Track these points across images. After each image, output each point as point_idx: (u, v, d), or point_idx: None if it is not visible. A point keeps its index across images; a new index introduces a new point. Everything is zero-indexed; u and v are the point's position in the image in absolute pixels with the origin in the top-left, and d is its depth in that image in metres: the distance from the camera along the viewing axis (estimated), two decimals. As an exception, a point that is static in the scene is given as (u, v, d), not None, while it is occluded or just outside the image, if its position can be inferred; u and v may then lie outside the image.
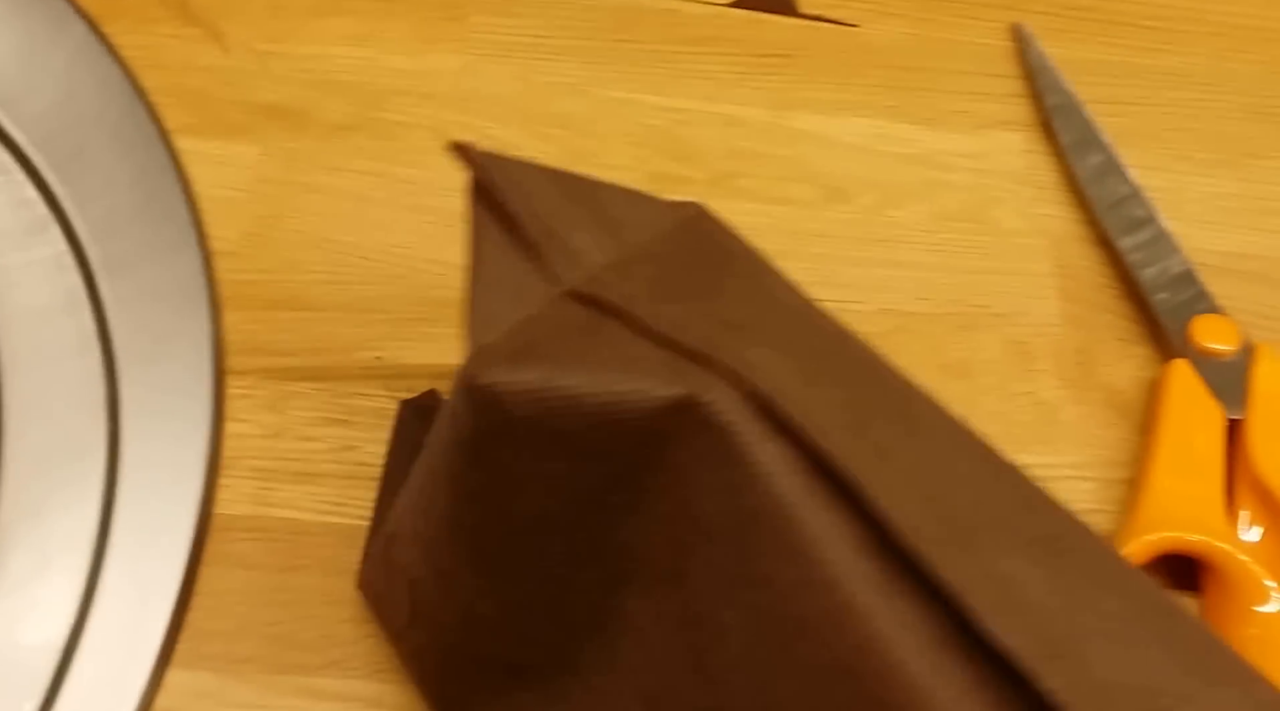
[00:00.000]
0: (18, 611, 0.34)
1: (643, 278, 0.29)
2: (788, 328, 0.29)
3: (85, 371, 0.38)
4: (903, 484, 0.25)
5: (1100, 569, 0.26)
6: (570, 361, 0.27)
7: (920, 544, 0.23)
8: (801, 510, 0.24)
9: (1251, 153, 0.50)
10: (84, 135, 0.42)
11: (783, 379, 0.26)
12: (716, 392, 0.25)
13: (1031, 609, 0.23)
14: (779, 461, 0.25)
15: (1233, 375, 0.43)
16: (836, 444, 0.24)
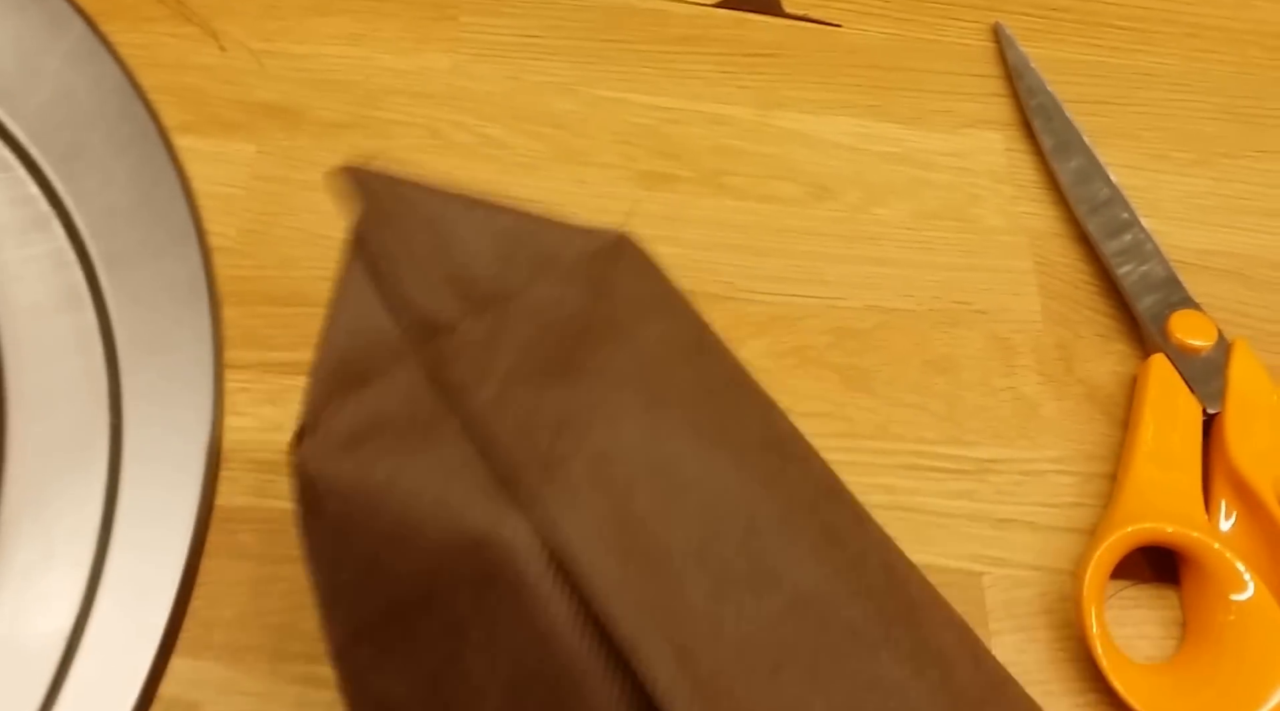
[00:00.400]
0: (23, 601, 0.35)
1: (511, 345, 0.28)
2: (658, 411, 0.28)
3: (87, 365, 0.39)
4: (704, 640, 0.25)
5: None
6: (400, 460, 0.26)
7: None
8: (582, 675, 0.24)
9: (1225, 152, 0.52)
10: (83, 133, 0.43)
11: (596, 519, 0.25)
12: (517, 539, 0.24)
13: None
14: (567, 621, 0.24)
15: (1210, 370, 0.44)
16: (633, 613, 0.24)
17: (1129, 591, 0.41)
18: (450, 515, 0.25)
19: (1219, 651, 0.39)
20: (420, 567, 0.26)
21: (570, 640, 0.24)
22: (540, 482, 0.25)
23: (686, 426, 0.27)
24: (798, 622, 0.26)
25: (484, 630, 0.25)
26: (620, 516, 0.25)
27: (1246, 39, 0.55)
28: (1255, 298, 0.48)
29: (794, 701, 0.25)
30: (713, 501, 0.26)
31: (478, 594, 0.25)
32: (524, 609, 0.24)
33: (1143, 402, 0.44)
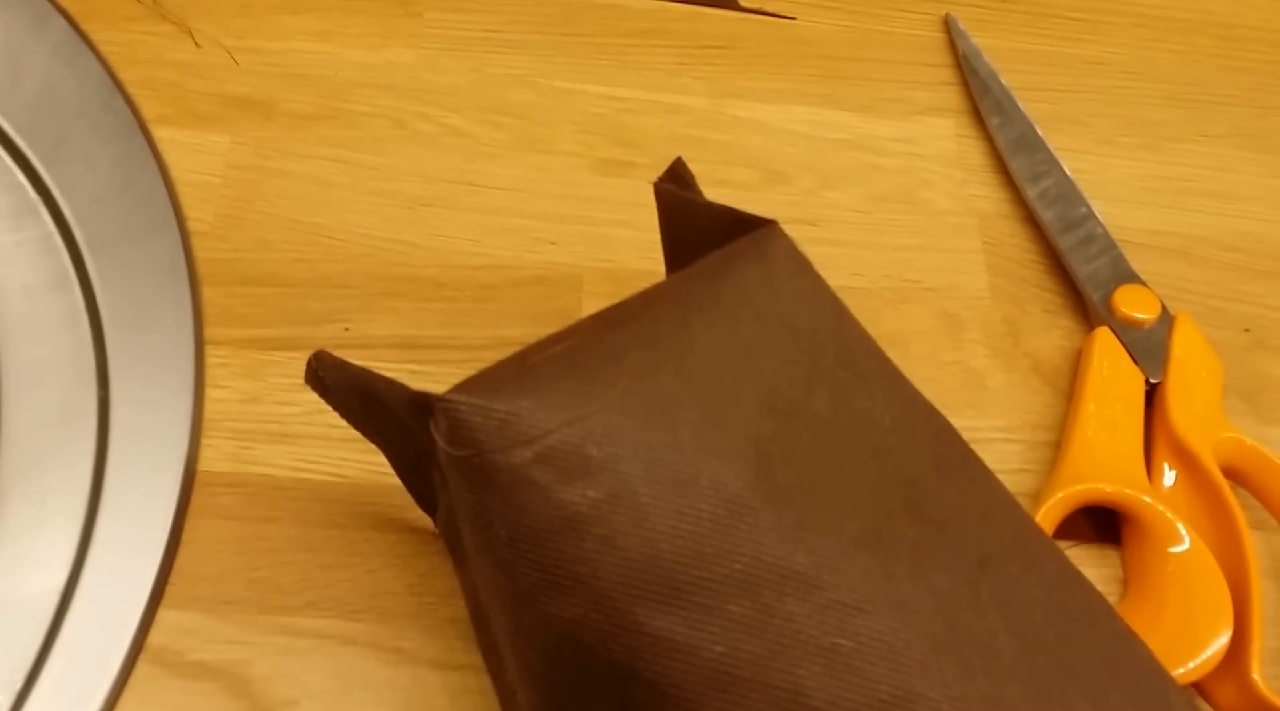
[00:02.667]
0: (19, 560, 0.40)
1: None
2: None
3: (76, 342, 0.44)
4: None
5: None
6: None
7: None
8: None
9: (1170, 137, 0.57)
10: (67, 125, 0.48)
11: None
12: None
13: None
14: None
15: (1152, 342, 0.48)
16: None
17: (1073, 551, 0.45)
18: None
19: (1159, 602, 0.43)
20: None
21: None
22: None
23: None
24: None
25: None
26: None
27: (1193, 28, 0.60)
28: (1198, 275, 0.53)
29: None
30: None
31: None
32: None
33: (1087, 373, 0.48)
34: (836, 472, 0.32)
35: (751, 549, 0.29)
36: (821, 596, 0.29)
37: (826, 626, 0.29)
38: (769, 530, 0.29)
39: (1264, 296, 0.53)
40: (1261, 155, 0.57)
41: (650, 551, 0.29)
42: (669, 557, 0.29)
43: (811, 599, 0.29)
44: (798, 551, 0.29)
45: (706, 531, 0.29)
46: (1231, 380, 0.49)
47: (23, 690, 0.38)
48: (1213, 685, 0.42)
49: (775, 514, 0.30)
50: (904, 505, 0.33)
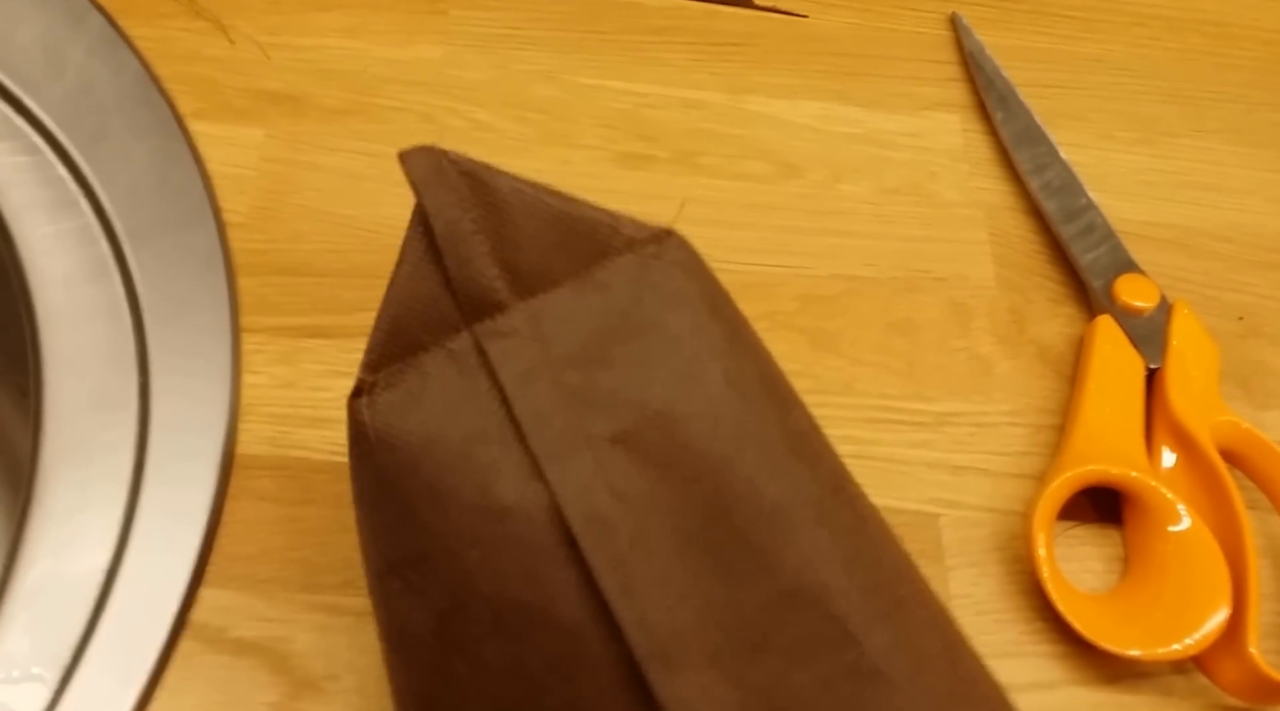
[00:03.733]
0: (63, 541, 0.40)
1: (554, 327, 0.30)
2: (690, 402, 0.30)
3: (116, 330, 0.44)
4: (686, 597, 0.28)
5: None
6: (442, 424, 0.29)
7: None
8: (584, 638, 0.28)
9: (1166, 132, 0.57)
10: (105, 119, 0.48)
11: (602, 495, 0.28)
12: (536, 510, 0.28)
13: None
14: (570, 587, 0.28)
15: (1152, 329, 0.49)
16: (630, 588, 0.28)
17: (1075, 531, 0.46)
18: (480, 481, 0.29)
19: (1159, 580, 0.43)
20: (446, 524, 0.29)
21: (571, 607, 0.28)
22: (563, 461, 0.28)
23: (706, 420, 0.30)
24: (789, 610, 0.29)
25: (494, 585, 0.28)
26: (632, 494, 0.29)
27: (1187, 27, 0.60)
28: (1195, 265, 0.53)
29: (772, 679, 0.28)
30: (723, 489, 0.29)
31: (493, 553, 0.28)
32: (529, 574, 0.28)
33: (1089, 359, 0.48)
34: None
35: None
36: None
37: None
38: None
39: (1257, 286, 0.53)
40: (1253, 150, 0.57)
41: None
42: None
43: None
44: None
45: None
46: (1227, 366, 0.49)
47: (70, 665, 0.38)
48: (1212, 660, 0.42)
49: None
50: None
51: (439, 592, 0.30)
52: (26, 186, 0.46)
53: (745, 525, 0.29)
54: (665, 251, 0.32)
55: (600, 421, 0.29)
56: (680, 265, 0.33)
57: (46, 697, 0.38)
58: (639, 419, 0.29)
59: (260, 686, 0.39)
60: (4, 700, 0.38)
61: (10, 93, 0.48)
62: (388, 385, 0.31)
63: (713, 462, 0.29)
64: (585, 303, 0.31)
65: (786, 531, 0.30)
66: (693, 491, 0.29)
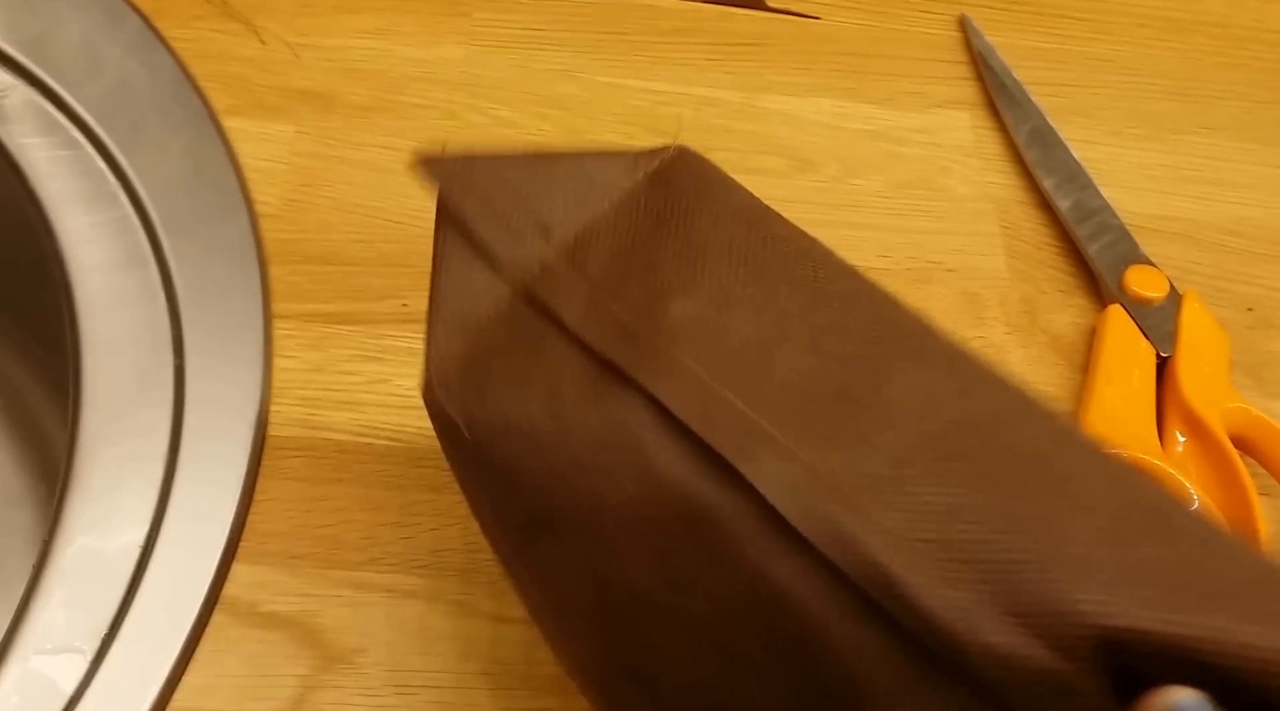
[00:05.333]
0: (100, 518, 0.40)
1: (598, 253, 0.31)
2: (744, 270, 0.31)
3: (152, 316, 0.44)
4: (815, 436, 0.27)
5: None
6: (516, 382, 0.30)
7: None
8: (699, 505, 0.27)
9: (1173, 128, 0.57)
10: (141, 115, 0.48)
11: (689, 370, 0.28)
12: (629, 415, 0.28)
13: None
14: (678, 466, 0.27)
15: (1162, 318, 0.49)
16: (720, 429, 0.27)
17: (1088, 513, 0.46)
18: (566, 414, 0.29)
19: (1171, 562, 0.44)
20: (550, 468, 0.29)
21: (689, 480, 0.27)
22: (637, 361, 0.28)
23: (780, 280, 0.31)
24: (919, 407, 0.28)
25: (614, 497, 0.28)
26: (715, 358, 0.28)
27: (1192, 28, 0.61)
28: (1203, 257, 0.53)
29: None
30: (805, 315, 0.30)
31: (602, 470, 0.28)
32: (644, 468, 0.27)
33: (1101, 347, 0.48)
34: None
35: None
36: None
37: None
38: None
39: (1266, 277, 0.53)
40: (1259, 146, 0.57)
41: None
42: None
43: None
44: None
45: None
46: (1236, 356, 0.49)
47: (106, 637, 0.38)
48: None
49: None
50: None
51: (571, 532, 0.30)
52: (66, 179, 0.47)
53: (834, 345, 0.29)
54: (683, 164, 0.35)
55: (657, 322, 0.29)
56: (699, 170, 0.35)
57: (84, 668, 0.38)
58: (698, 305, 0.30)
59: (290, 659, 0.39)
60: (43, 670, 0.38)
61: (52, 90, 0.49)
62: (455, 368, 0.31)
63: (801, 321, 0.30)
64: (614, 230, 0.32)
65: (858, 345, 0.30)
66: (792, 348, 0.29)
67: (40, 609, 0.39)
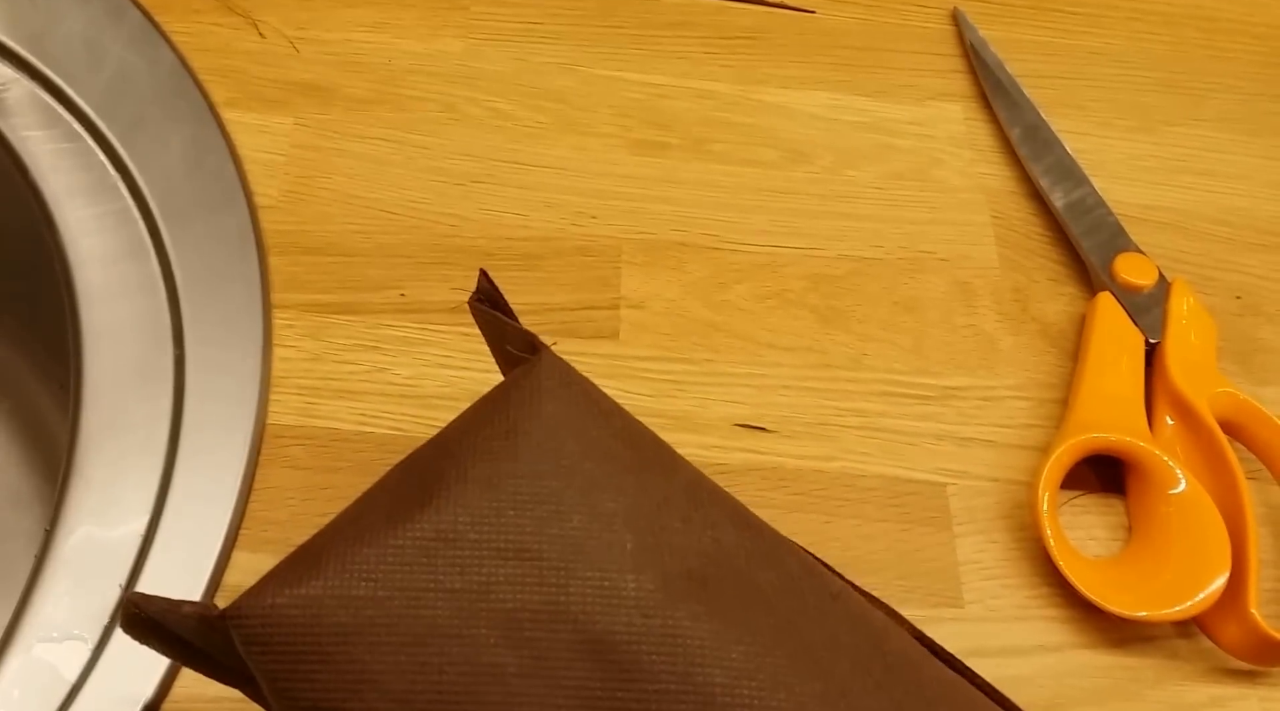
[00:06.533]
0: (102, 506, 0.40)
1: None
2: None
3: (152, 307, 0.44)
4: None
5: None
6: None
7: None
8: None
9: (1164, 120, 0.57)
10: (142, 108, 0.48)
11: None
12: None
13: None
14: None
15: (1151, 305, 0.49)
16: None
17: (1079, 500, 0.45)
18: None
19: (1162, 544, 0.43)
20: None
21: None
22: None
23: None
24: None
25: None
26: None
27: (1183, 22, 0.61)
28: (1193, 246, 0.53)
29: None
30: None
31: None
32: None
33: (1091, 334, 0.48)
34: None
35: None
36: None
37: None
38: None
39: (1254, 266, 0.53)
40: (1248, 137, 0.57)
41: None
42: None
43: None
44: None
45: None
46: (1225, 344, 0.49)
47: (108, 625, 0.38)
48: (1214, 621, 0.42)
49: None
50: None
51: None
52: (68, 171, 0.47)
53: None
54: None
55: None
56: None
57: (86, 656, 0.38)
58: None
59: (291, 645, 0.39)
60: (47, 658, 0.38)
61: (53, 83, 0.48)
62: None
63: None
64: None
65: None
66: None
67: (43, 598, 0.39)
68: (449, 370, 0.45)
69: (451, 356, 0.46)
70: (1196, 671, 0.42)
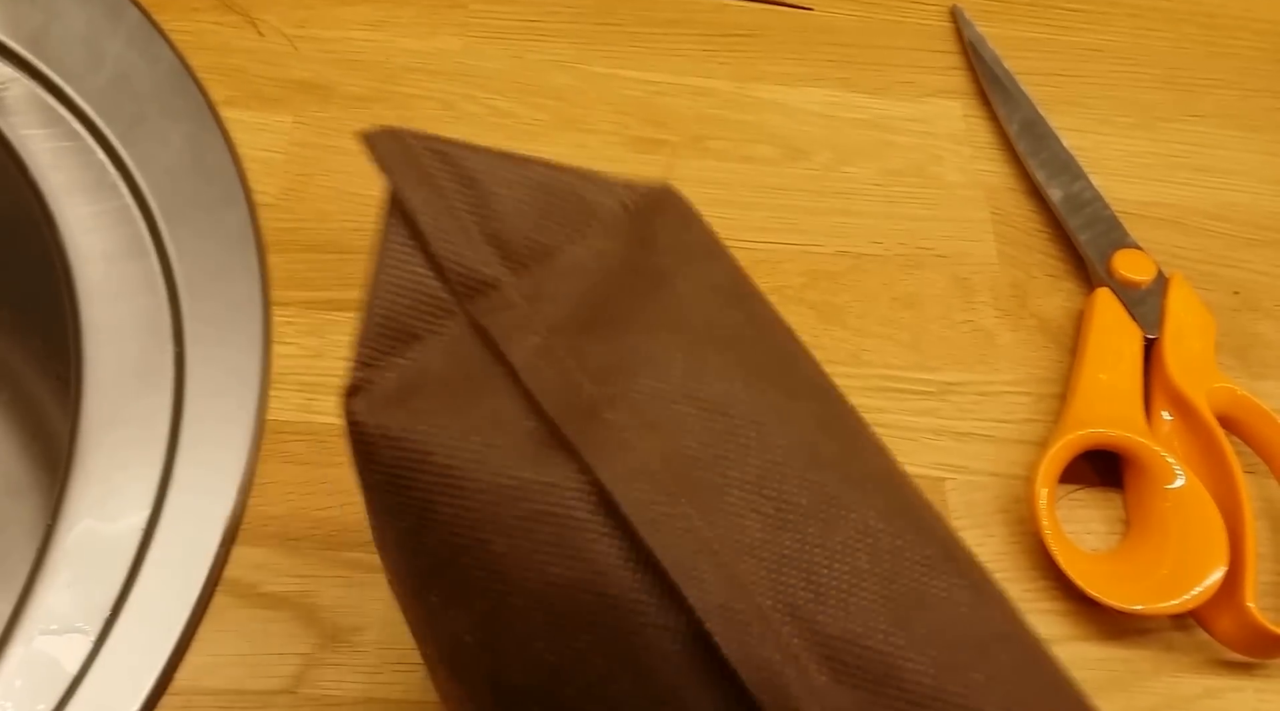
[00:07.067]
0: (103, 501, 0.41)
1: (554, 300, 0.28)
2: (718, 360, 0.28)
3: (152, 304, 0.44)
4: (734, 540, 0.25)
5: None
6: (447, 411, 0.27)
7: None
8: (634, 607, 0.25)
9: (1162, 117, 0.57)
10: (141, 107, 0.49)
11: (642, 460, 0.25)
12: (563, 481, 0.25)
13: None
14: (616, 557, 0.25)
15: (1149, 302, 0.49)
16: (686, 546, 0.25)
17: (1077, 494, 0.46)
18: (497, 461, 0.26)
19: (1160, 538, 0.43)
20: (467, 513, 0.26)
21: (621, 575, 0.25)
22: (584, 428, 0.26)
23: (736, 366, 0.28)
24: (869, 552, 0.26)
25: (532, 571, 0.25)
26: (669, 455, 0.26)
27: (1182, 18, 0.61)
28: (1191, 242, 0.53)
29: (867, 619, 0.25)
30: (770, 437, 0.27)
31: (523, 535, 0.25)
32: (571, 548, 0.25)
33: (1089, 330, 0.48)
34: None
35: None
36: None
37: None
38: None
39: (1252, 262, 0.53)
40: (1247, 133, 0.57)
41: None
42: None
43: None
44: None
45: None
46: (1223, 339, 0.49)
47: (109, 619, 0.39)
48: (1211, 614, 0.42)
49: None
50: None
51: (475, 593, 0.27)
52: (67, 170, 0.47)
53: (803, 471, 0.26)
54: (662, 208, 0.31)
55: (614, 386, 0.26)
56: (680, 220, 0.31)
57: (87, 649, 0.38)
58: (655, 377, 0.27)
59: (290, 638, 0.40)
60: (47, 651, 0.38)
61: (52, 83, 0.49)
62: (381, 382, 0.28)
63: (751, 412, 0.27)
64: (583, 270, 0.29)
65: (847, 476, 0.27)
66: (737, 438, 0.26)
67: (44, 590, 0.39)
68: (448, 366, 0.46)
69: (450, 353, 0.46)
70: (1193, 664, 0.42)
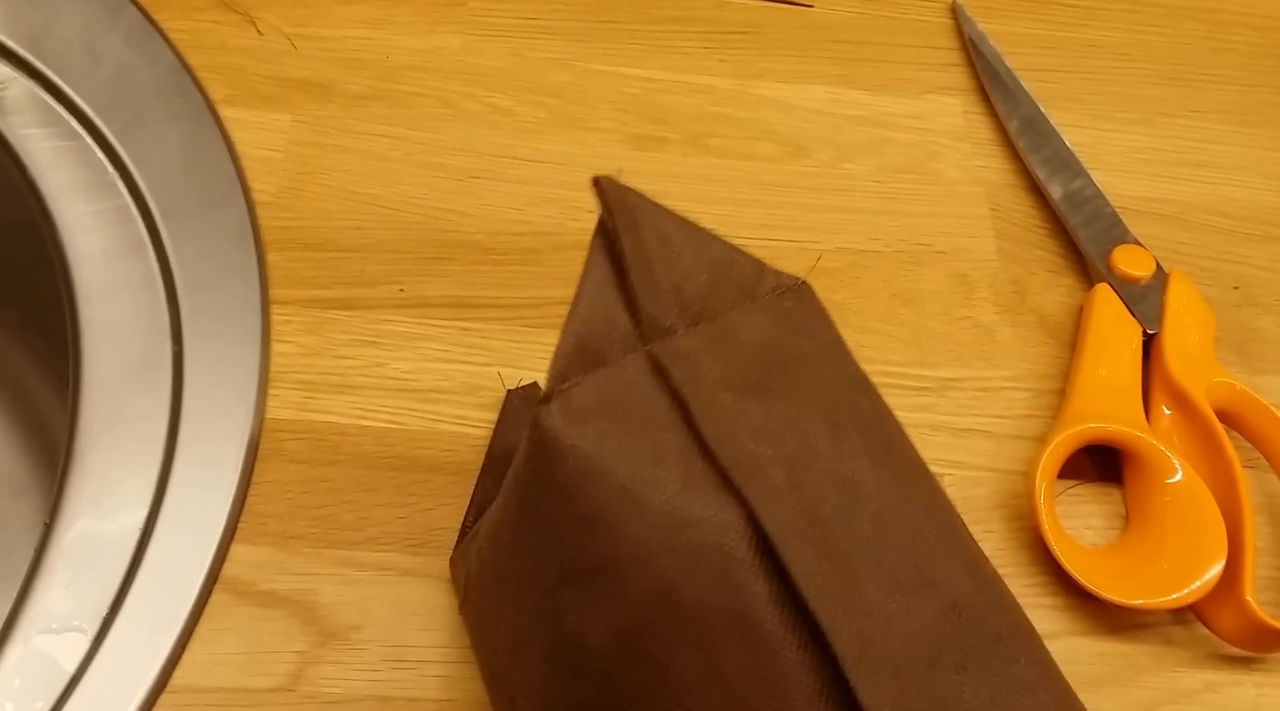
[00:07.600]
0: (101, 499, 0.41)
1: (720, 355, 0.31)
2: (839, 433, 0.31)
3: (151, 303, 0.44)
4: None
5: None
6: (623, 434, 0.29)
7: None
8: (777, 646, 0.27)
9: (1162, 112, 0.57)
10: (140, 106, 0.49)
11: (793, 516, 0.28)
12: (731, 522, 0.28)
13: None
14: (767, 598, 0.27)
15: (1148, 296, 0.49)
16: (827, 599, 0.27)
17: (1076, 490, 0.46)
18: (671, 491, 0.28)
19: (1159, 533, 0.44)
20: (640, 531, 0.28)
21: (769, 610, 0.27)
22: (749, 479, 0.28)
23: (863, 448, 0.31)
24: (953, 624, 0.29)
25: (691, 591, 0.28)
26: (811, 517, 0.28)
27: (1183, 14, 0.61)
28: (1191, 237, 0.53)
29: (947, 689, 0.28)
30: (885, 515, 0.30)
31: (690, 561, 0.28)
32: (733, 581, 0.27)
33: (1088, 325, 0.48)
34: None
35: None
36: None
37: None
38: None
39: (1252, 257, 0.53)
40: (1247, 129, 0.57)
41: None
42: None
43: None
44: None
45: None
46: (1223, 334, 0.49)
47: (108, 617, 0.39)
48: (1211, 609, 0.42)
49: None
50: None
51: (627, 601, 0.29)
52: (66, 169, 0.47)
53: (909, 547, 0.29)
54: (803, 298, 0.34)
55: (770, 446, 0.29)
56: (816, 313, 0.34)
57: (86, 647, 0.38)
58: (802, 447, 0.30)
59: (289, 636, 0.40)
60: (46, 650, 0.38)
61: (51, 82, 0.49)
62: (569, 396, 0.30)
63: (872, 490, 0.30)
64: (741, 336, 0.32)
65: (937, 549, 0.30)
66: (862, 512, 0.29)
67: (42, 589, 0.39)
68: (447, 364, 0.46)
69: (449, 351, 0.46)
70: (1192, 658, 0.42)
